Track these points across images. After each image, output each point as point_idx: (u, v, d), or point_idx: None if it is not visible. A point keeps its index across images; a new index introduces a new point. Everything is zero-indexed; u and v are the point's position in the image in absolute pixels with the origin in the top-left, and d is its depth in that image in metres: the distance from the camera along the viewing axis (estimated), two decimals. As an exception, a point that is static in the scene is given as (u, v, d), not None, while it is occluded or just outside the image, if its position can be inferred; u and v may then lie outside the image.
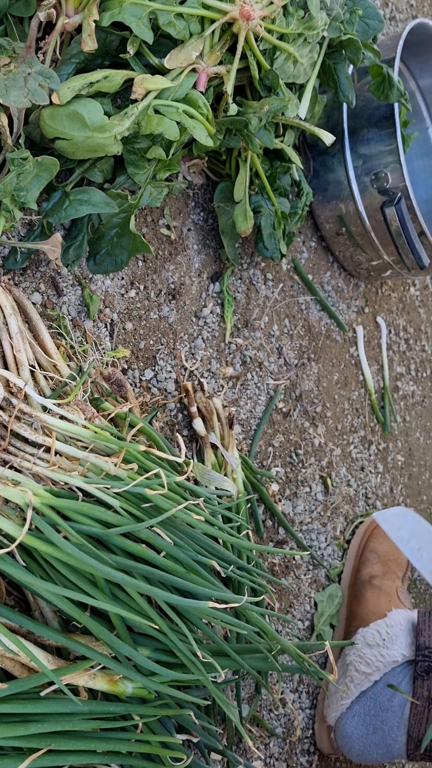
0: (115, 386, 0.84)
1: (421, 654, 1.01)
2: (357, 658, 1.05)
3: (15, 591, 0.72)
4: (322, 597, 1.14)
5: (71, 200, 0.81)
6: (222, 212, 0.99)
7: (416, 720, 0.99)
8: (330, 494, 1.20)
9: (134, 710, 0.67)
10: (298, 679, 1.09)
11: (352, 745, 1.03)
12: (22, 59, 0.71)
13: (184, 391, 0.95)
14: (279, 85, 0.89)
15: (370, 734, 1.02)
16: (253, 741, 0.98)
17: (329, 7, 0.94)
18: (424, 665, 1.00)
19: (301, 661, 0.76)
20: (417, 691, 0.99)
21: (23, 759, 0.59)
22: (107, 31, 0.78)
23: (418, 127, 1.34)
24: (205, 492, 0.80)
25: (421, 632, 1.04)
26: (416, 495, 1.44)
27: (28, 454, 0.68)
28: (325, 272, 1.26)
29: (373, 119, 1.09)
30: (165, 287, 0.98)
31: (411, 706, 0.99)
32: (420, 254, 1.13)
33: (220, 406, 0.97)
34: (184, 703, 0.72)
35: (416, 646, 1.02)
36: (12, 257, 0.80)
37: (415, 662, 1.01)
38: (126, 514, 0.67)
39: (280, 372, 1.14)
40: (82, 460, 0.69)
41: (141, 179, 0.83)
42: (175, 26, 0.79)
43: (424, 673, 1.00)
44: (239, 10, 0.82)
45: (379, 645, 1.04)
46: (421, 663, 1.01)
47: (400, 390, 1.43)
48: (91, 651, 0.64)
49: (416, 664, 1.01)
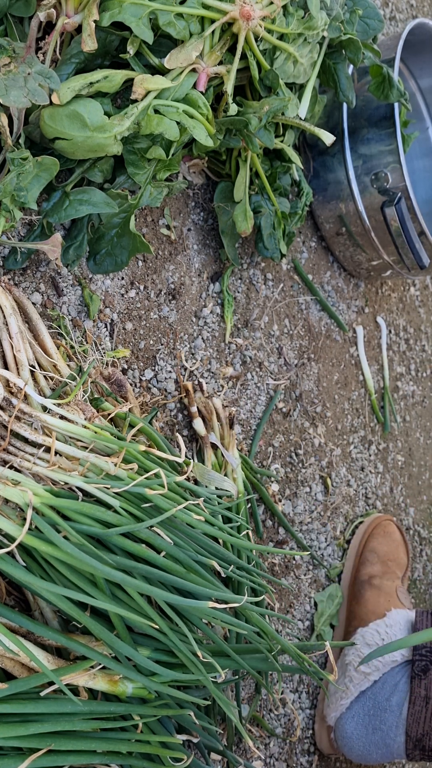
0: (115, 386, 0.84)
1: (418, 653, 1.01)
2: (356, 658, 1.05)
3: (15, 591, 0.72)
4: (322, 597, 1.14)
5: (71, 200, 0.81)
6: (222, 212, 0.99)
7: (414, 719, 0.99)
8: (330, 494, 1.20)
9: (134, 710, 0.67)
10: (298, 679, 1.09)
11: (352, 745, 1.03)
12: (22, 59, 0.71)
13: (184, 391, 0.95)
14: (279, 85, 0.89)
15: (369, 734, 1.02)
16: (253, 741, 0.98)
17: (329, 7, 0.94)
18: (422, 664, 1.01)
19: (301, 661, 0.76)
20: (414, 691, 0.99)
21: (23, 759, 0.59)
22: (107, 31, 0.78)
23: (418, 127, 1.34)
24: (205, 492, 0.80)
25: (418, 632, 1.04)
26: (416, 495, 1.44)
27: (28, 454, 0.68)
28: (325, 272, 1.26)
29: (373, 119, 1.09)
30: (165, 287, 0.98)
31: (409, 705, 0.99)
32: (420, 254, 1.13)
33: (220, 406, 0.97)
34: (184, 703, 0.72)
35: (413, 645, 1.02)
36: (12, 257, 0.80)
37: (412, 661, 1.01)
38: (126, 514, 0.67)
39: (280, 372, 1.14)
40: (82, 460, 0.69)
41: (141, 179, 0.83)
42: (175, 26, 0.79)
43: (422, 672, 1.00)
44: (239, 10, 0.82)
45: (378, 645, 1.04)
46: (418, 662, 1.01)
47: (400, 390, 1.43)
48: (91, 651, 0.64)
49: (413, 664, 1.01)
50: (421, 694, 0.99)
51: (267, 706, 1.03)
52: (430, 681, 0.99)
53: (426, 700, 0.98)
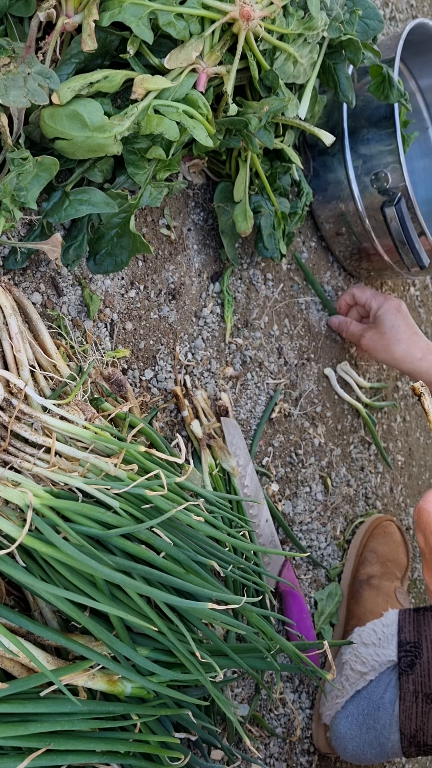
0: (115, 386, 0.84)
1: (402, 650, 1.02)
2: (353, 657, 1.05)
3: (15, 591, 0.72)
4: (321, 595, 1.14)
5: (71, 200, 0.81)
6: (222, 212, 0.99)
7: (406, 716, 0.99)
8: (330, 494, 1.20)
9: (133, 710, 0.67)
10: (299, 679, 1.10)
11: (345, 745, 1.03)
12: (22, 59, 0.71)
13: (173, 397, 0.95)
14: (279, 85, 0.89)
15: (363, 734, 1.02)
16: (252, 741, 0.98)
17: (329, 8, 0.94)
18: (407, 660, 1.01)
19: (299, 660, 0.76)
20: (403, 687, 1.00)
21: (23, 758, 0.60)
22: (107, 31, 0.78)
23: (418, 127, 1.34)
24: (205, 492, 0.80)
25: (401, 629, 1.04)
26: (416, 495, 1.44)
27: (28, 454, 0.68)
28: (325, 272, 1.26)
29: (373, 119, 1.09)
30: (165, 287, 0.98)
31: (400, 702, 1.00)
32: (420, 254, 1.13)
33: (202, 400, 0.97)
34: (183, 703, 0.72)
35: (397, 642, 1.03)
36: (12, 257, 0.80)
37: (398, 659, 1.02)
38: (126, 515, 0.67)
39: (280, 372, 1.14)
40: (82, 461, 0.69)
41: (141, 179, 0.83)
42: (175, 26, 0.79)
43: (408, 668, 1.00)
44: (239, 10, 0.82)
45: (374, 644, 1.04)
46: (404, 658, 1.01)
47: (400, 390, 1.43)
48: (91, 651, 0.65)
49: (399, 660, 1.01)
50: (410, 689, 0.99)
51: (267, 706, 1.04)
52: (416, 675, 1.00)
53: (415, 695, 0.99)
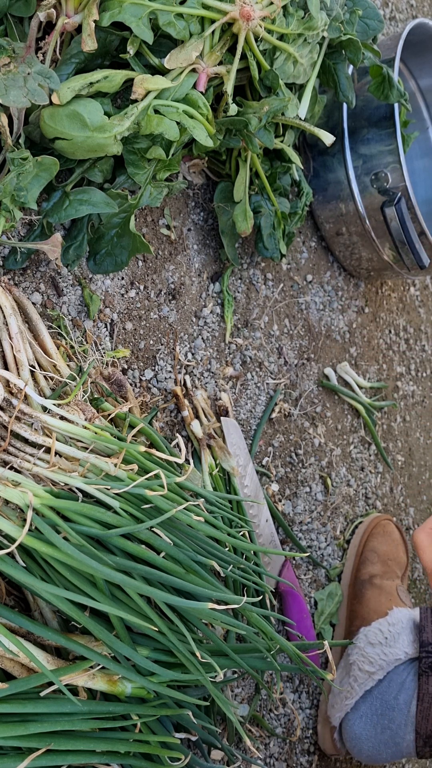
0: (115, 386, 0.84)
1: (425, 650, 1.01)
2: (360, 657, 1.05)
3: (15, 591, 0.72)
4: (321, 595, 1.14)
5: (71, 200, 0.81)
6: (222, 212, 0.99)
7: (423, 716, 0.99)
8: (330, 494, 1.20)
9: (133, 710, 0.67)
10: (299, 679, 1.09)
11: (361, 746, 1.03)
12: (22, 59, 0.71)
13: (173, 397, 0.95)
14: (279, 85, 0.89)
15: (379, 734, 1.01)
16: (252, 741, 0.98)
17: (329, 8, 0.94)
18: (428, 661, 1.00)
19: (299, 660, 0.76)
20: (422, 688, 0.99)
21: (23, 758, 0.60)
22: (107, 31, 0.78)
23: (418, 127, 1.34)
24: (205, 492, 0.80)
25: (423, 629, 1.04)
26: (416, 495, 1.44)
27: (28, 454, 0.68)
28: (325, 272, 1.26)
29: (373, 119, 1.09)
30: (165, 287, 0.98)
31: (417, 702, 0.99)
32: (420, 254, 1.13)
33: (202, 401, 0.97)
34: (183, 703, 0.72)
35: (420, 642, 1.02)
36: (12, 257, 0.80)
37: (419, 659, 1.01)
38: (126, 515, 0.67)
39: (280, 372, 1.14)
40: (82, 461, 0.69)
41: (141, 179, 0.83)
42: (175, 26, 0.79)
43: (429, 669, 1.00)
44: (239, 10, 0.82)
45: (381, 643, 1.04)
46: (425, 659, 1.01)
47: (400, 390, 1.43)
48: (91, 651, 0.65)
49: (420, 661, 1.01)
50: (429, 691, 0.99)
51: (267, 706, 1.03)
52: None
53: None
